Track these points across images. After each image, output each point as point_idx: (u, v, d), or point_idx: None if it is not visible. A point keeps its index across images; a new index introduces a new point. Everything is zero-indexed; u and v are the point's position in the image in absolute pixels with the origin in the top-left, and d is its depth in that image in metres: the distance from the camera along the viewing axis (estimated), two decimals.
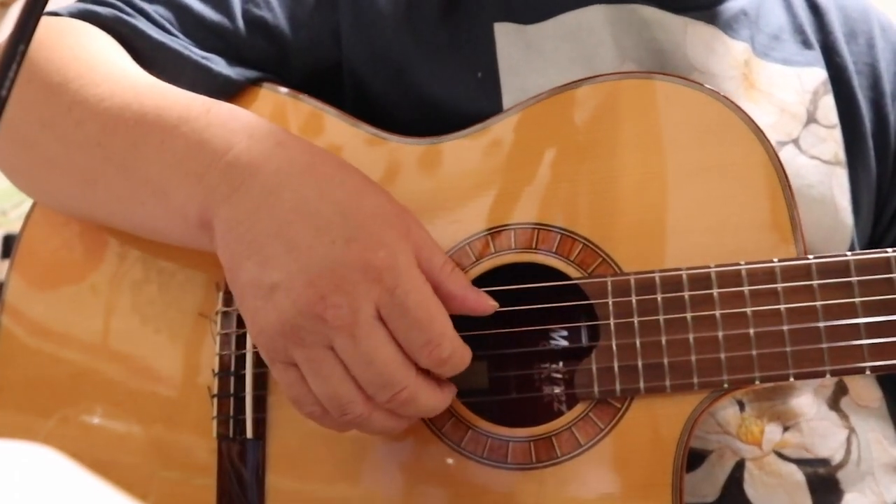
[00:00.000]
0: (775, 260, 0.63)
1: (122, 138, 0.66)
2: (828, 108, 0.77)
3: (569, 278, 0.66)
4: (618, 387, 0.63)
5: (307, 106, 0.73)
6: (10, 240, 1.95)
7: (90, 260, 0.75)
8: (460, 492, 0.65)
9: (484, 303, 0.63)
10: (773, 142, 0.66)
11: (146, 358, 0.72)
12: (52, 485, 0.30)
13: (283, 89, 0.74)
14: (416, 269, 0.60)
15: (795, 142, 0.74)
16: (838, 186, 0.75)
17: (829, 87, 0.78)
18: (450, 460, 0.65)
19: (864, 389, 0.72)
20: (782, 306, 0.62)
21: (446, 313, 0.60)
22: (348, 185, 0.61)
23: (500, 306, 0.64)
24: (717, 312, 0.63)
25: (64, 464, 0.31)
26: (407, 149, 0.71)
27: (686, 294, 0.63)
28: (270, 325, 0.58)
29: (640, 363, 0.63)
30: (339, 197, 0.60)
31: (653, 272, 0.64)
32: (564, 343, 0.71)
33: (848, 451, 0.68)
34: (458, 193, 0.69)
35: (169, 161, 0.64)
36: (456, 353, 0.60)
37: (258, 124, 0.64)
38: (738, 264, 0.63)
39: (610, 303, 0.64)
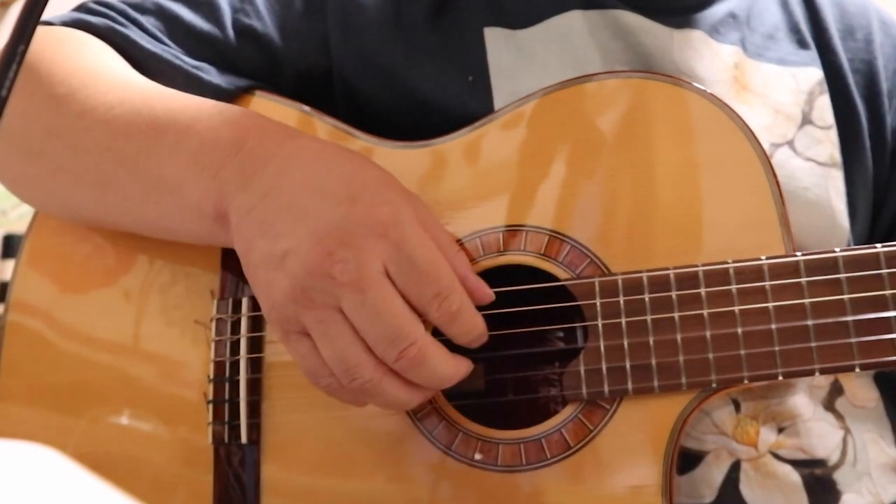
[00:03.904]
0: (763, 258, 0.62)
1: (135, 142, 0.67)
2: (824, 108, 0.76)
3: (557, 280, 0.66)
4: (606, 388, 0.63)
5: (300, 114, 0.74)
6: (10, 240, 1.98)
7: (92, 263, 0.76)
8: (450, 493, 0.65)
9: (482, 289, 0.63)
10: (767, 144, 0.65)
11: (145, 362, 0.73)
12: (52, 484, 0.30)
13: (276, 97, 0.75)
14: (421, 227, 0.60)
15: (790, 143, 0.73)
16: (834, 188, 0.73)
17: (825, 87, 0.77)
18: (440, 462, 0.65)
19: (861, 389, 0.70)
20: (770, 304, 0.61)
21: (452, 271, 0.60)
22: (355, 160, 0.63)
23: (488, 309, 0.64)
24: (705, 312, 0.62)
25: (63, 463, 0.31)
26: (398, 153, 0.71)
27: (674, 294, 0.63)
28: (283, 293, 0.59)
29: (627, 364, 0.63)
30: (345, 168, 0.62)
31: (640, 272, 0.64)
32: (554, 345, 0.71)
33: (844, 452, 0.67)
34: (447, 196, 0.69)
35: (184, 160, 0.65)
36: (465, 310, 0.60)
37: (268, 122, 0.66)
38: (726, 263, 0.63)
39: (598, 304, 0.64)
